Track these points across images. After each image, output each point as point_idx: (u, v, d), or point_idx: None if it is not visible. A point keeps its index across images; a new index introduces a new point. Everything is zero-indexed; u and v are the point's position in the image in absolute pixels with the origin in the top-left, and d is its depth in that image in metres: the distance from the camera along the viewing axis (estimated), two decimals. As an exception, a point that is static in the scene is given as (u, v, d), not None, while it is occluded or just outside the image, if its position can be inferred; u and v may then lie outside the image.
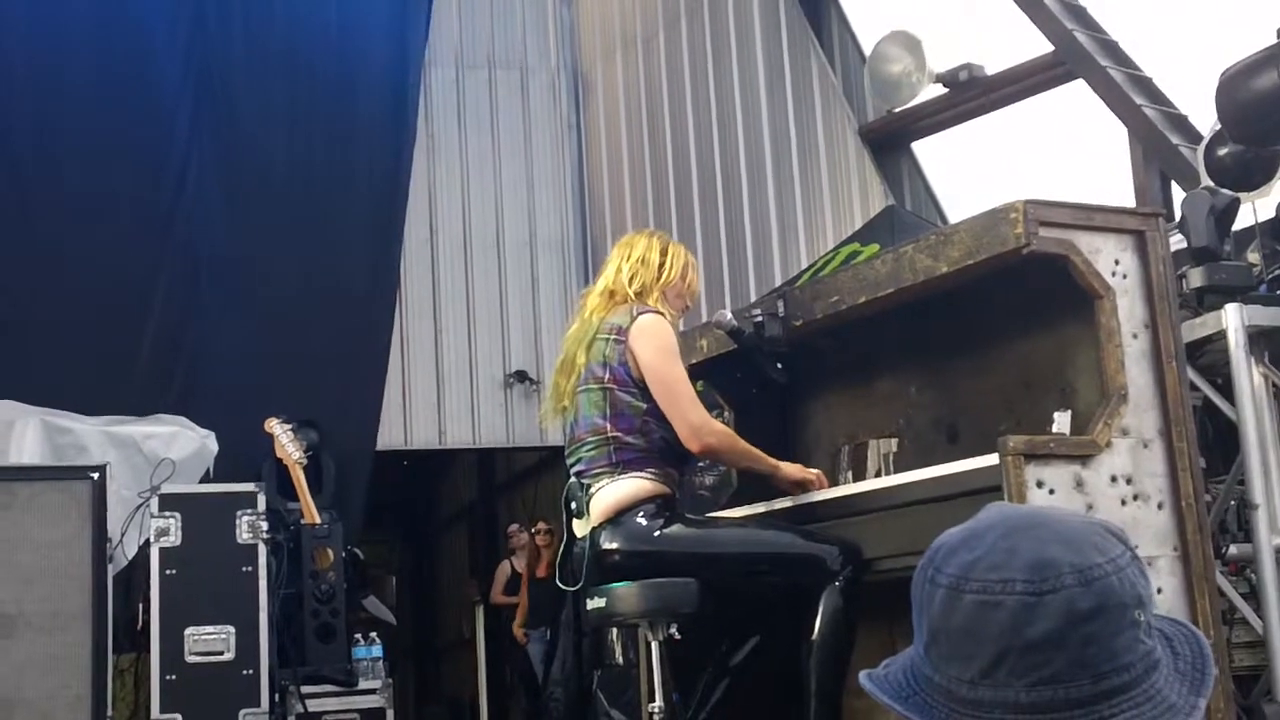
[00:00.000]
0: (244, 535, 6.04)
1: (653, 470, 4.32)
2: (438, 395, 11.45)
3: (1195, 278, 5.05)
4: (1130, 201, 7.51)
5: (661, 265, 4.55)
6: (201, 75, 9.84)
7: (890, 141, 9.61)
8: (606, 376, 4.36)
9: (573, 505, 4.43)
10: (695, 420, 4.33)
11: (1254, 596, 4.90)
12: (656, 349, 4.36)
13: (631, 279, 4.50)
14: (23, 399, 7.25)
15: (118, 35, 9.59)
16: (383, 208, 10.31)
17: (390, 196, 10.35)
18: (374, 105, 10.39)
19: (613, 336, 4.39)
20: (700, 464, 5.58)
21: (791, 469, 4.54)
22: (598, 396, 4.37)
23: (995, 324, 4.46)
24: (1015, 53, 8.65)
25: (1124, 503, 3.83)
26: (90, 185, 9.33)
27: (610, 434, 4.33)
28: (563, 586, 4.61)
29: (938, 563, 1.35)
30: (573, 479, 4.44)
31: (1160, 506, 3.90)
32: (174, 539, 5.99)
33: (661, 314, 4.44)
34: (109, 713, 5.62)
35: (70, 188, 9.29)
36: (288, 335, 9.59)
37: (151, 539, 5.99)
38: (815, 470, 4.59)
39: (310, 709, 6.37)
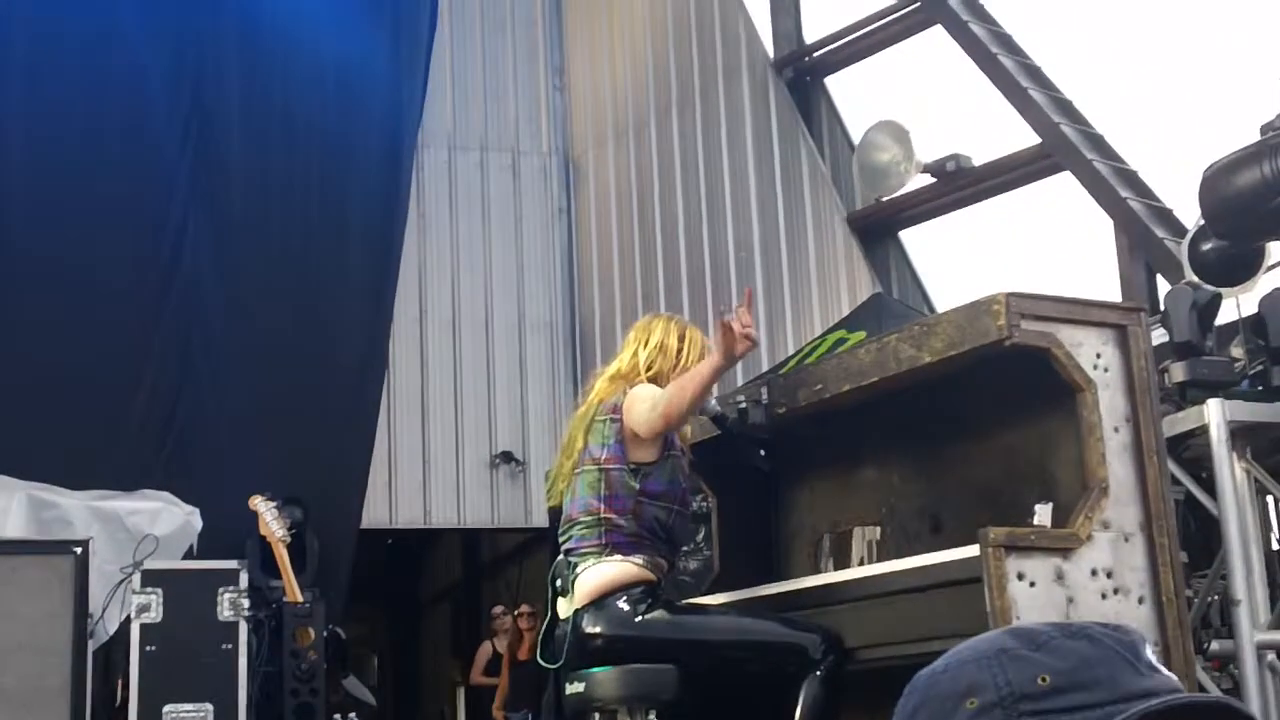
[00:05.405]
0: (225, 613, 6.02)
1: (641, 556, 4.33)
2: (423, 475, 11.44)
3: (1177, 372, 5.08)
4: (1115, 293, 7.57)
5: (680, 351, 4.58)
6: (198, 152, 9.87)
7: (878, 230, 9.69)
8: (603, 457, 4.40)
9: (558, 583, 4.44)
10: (659, 411, 4.28)
11: (1236, 693, 4.88)
12: (647, 395, 4.37)
13: (649, 366, 4.52)
14: (10, 471, 7.24)
15: (114, 107, 9.63)
16: (373, 287, 10.32)
17: (381, 276, 10.37)
18: (367, 184, 10.43)
19: (609, 417, 4.42)
20: (685, 549, 5.57)
21: (720, 347, 4.20)
22: (593, 477, 4.40)
23: (978, 414, 4.47)
24: (1002, 144, 8.76)
25: (1104, 596, 3.83)
26: (84, 257, 9.33)
27: (603, 515, 4.35)
28: (542, 664, 4.61)
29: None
30: (561, 556, 4.46)
31: (1141, 601, 3.89)
32: (155, 615, 5.96)
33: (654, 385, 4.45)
34: (86, 790, 5.58)
35: (64, 258, 9.28)
36: (275, 413, 9.57)
37: (133, 615, 5.97)
38: (725, 322, 4.16)
39: (288, 790, 6.33)
